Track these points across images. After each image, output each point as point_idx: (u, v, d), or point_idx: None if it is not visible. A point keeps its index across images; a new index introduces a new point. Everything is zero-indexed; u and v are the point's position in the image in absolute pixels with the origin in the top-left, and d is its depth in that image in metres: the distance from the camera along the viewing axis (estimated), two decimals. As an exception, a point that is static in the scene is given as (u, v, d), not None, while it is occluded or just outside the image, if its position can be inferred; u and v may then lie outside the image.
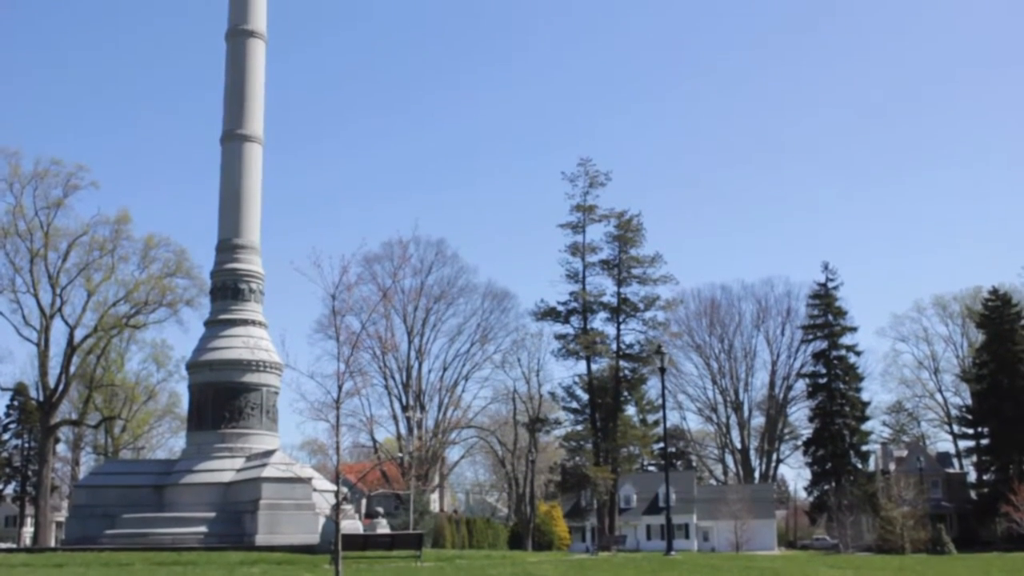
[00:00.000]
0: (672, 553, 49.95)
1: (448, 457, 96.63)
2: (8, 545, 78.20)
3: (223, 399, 44.55)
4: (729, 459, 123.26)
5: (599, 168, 77.85)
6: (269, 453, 42.26)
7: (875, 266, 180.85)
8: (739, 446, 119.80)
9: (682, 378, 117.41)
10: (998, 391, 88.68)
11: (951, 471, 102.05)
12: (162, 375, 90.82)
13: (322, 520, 38.05)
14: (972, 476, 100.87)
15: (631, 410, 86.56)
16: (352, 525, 38.40)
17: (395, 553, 35.03)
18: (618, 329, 77.26)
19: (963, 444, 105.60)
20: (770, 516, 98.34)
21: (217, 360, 44.90)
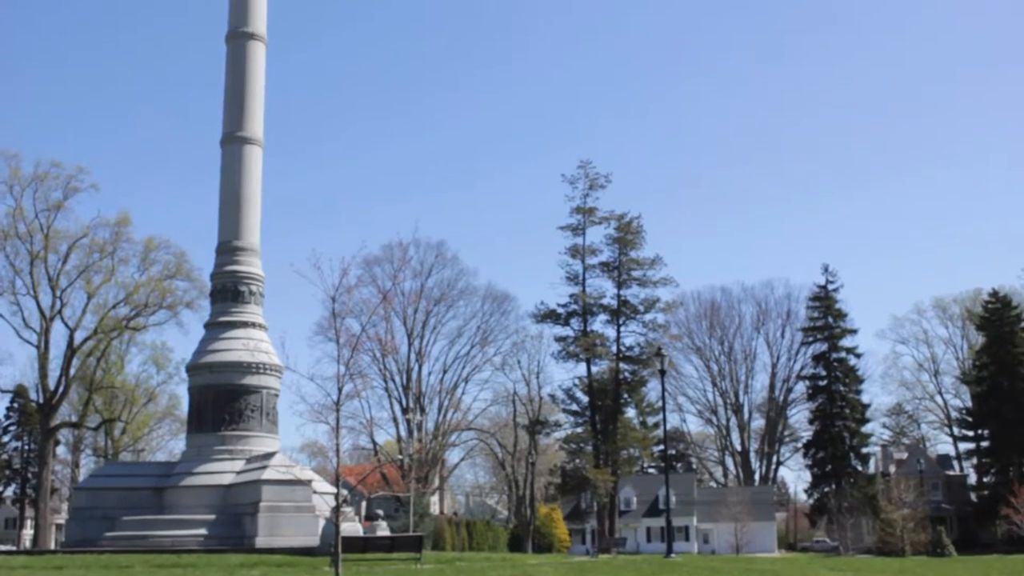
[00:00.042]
0: (672, 555, 49.95)
1: (448, 459, 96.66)
2: (8, 547, 78.31)
3: (223, 401, 44.52)
4: (729, 461, 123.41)
5: (599, 170, 78.05)
6: (269, 455, 42.24)
7: (875, 268, 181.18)
8: (739, 448, 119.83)
9: (682, 380, 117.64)
10: (998, 393, 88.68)
11: (951, 473, 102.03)
12: (162, 377, 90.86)
13: (322, 522, 38.05)
14: (972, 478, 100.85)
15: (631, 412, 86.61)
16: (352, 527, 38.40)
17: (395, 555, 35.03)
18: (618, 331, 77.32)
19: (963, 446, 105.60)
20: (770, 518, 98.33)
21: (217, 362, 44.89)
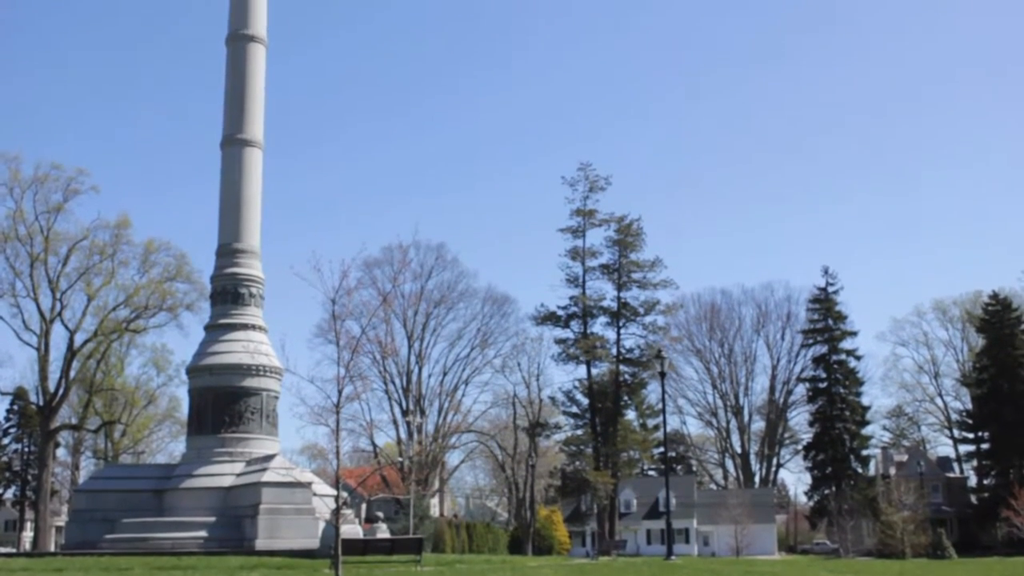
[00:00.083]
0: (672, 558, 49.99)
1: (448, 461, 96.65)
2: (8, 550, 78.21)
3: (223, 403, 44.49)
4: (729, 463, 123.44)
5: (599, 172, 78.23)
6: (269, 458, 42.22)
7: (875, 270, 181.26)
8: (739, 450, 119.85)
9: (682, 382, 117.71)
10: (998, 395, 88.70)
11: (951, 475, 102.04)
12: (162, 379, 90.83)
13: (322, 525, 38.03)
14: (972, 480, 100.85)
15: (631, 414, 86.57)
16: (352, 530, 38.40)
17: (395, 558, 35.02)
18: (618, 333, 77.39)
19: (963, 448, 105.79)
20: (770, 520, 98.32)
21: (217, 364, 44.88)
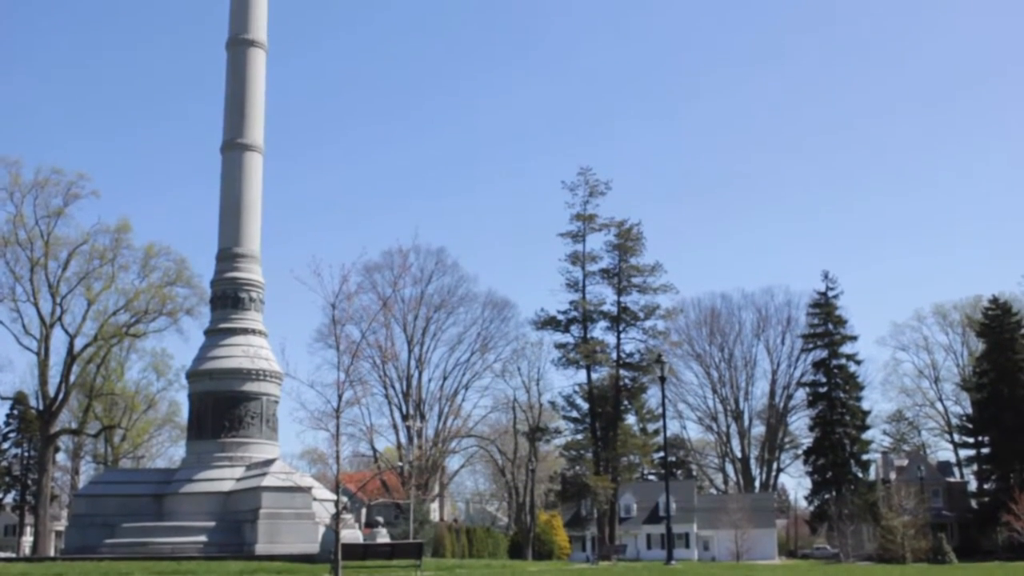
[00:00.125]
0: (672, 562, 49.98)
1: (448, 466, 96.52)
2: (7, 554, 78.20)
3: (223, 408, 44.50)
4: (729, 468, 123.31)
5: (599, 177, 78.35)
6: (269, 462, 42.21)
7: (875, 275, 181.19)
8: (739, 455, 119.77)
9: (682, 387, 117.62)
10: (998, 400, 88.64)
11: (952, 480, 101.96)
12: (162, 384, 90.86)
13: (322, 529, 38.00)
14: (973, 485, 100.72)
15: (631, 419, 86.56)
16: (352, 534, 38.38)
17: (395, 562, 34.99)
18: (618, 338, 77.41)
19: (964, 453, 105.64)
20: (770, 525, 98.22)
21: (217, 369, 44.88)
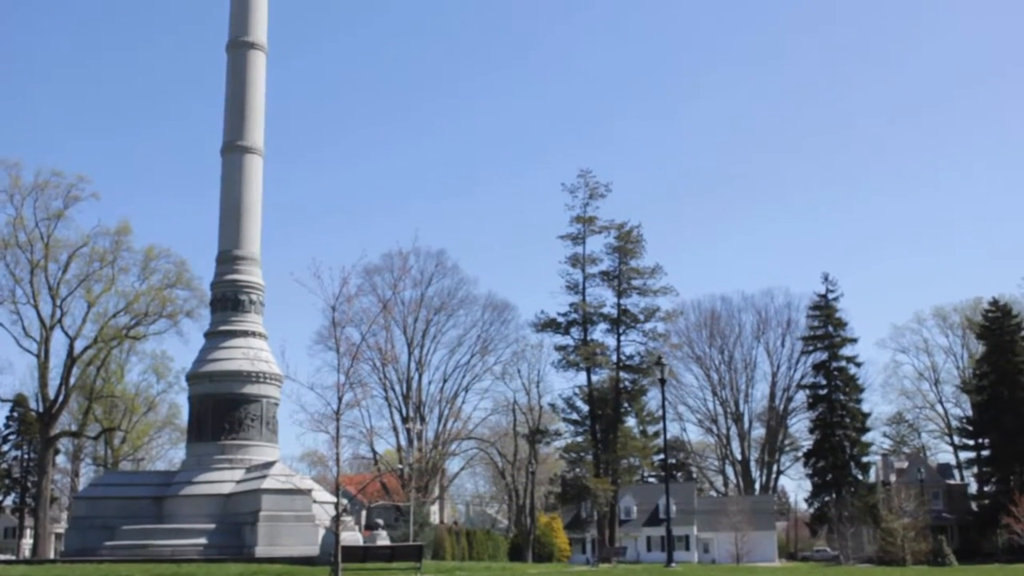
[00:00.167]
0: (672, 565, 49.94)
1: (448, 469, 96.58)
2: (7, 557, 78.11)
3: (223, 410, 44.49)
4: (729, 470, 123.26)
5: (599, 179, 78.18)
6: (269, 465, 42.19)
7: (875, 277, 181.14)
8: (739, 457, 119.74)
9: (682, 389, 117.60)
10: (998, 402, 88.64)
11: (952, 482, 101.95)
12: (162, 386, 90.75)
13: (322, 532, 37.99)
14: (973, 487, 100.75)
15: (631, 421, 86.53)
16: (352, 537, 38.35)
17: (395, 565, 34.98)
18: (618, 340, 77.35)
19: (964, 455, 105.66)
20: (770, 528, 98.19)
21: (217, 371, 44.88)
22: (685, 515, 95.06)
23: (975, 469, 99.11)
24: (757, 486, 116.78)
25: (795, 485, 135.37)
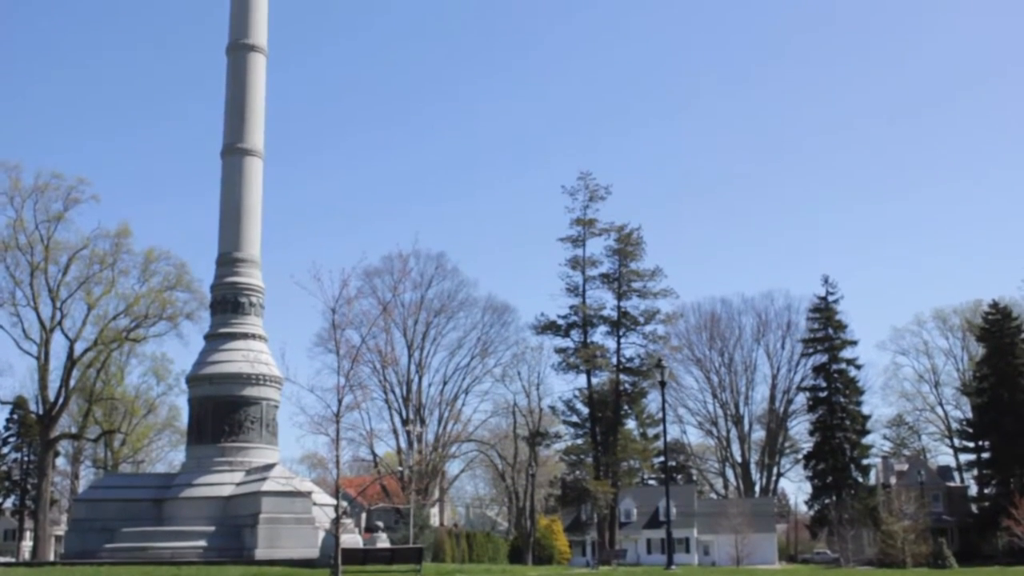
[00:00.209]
0: (672, 567, 49.90)
1: (448, 471, 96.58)
2: (7, 559, 78.16)
3: (223, 413, 44.52)
4: (730, 473, 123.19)
5: (599, 182, 78.17)
6: (269, 467, 42.22)
7: (875, 279, 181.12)
8: (739, 460, 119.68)
9: (682, 392, 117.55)
10: (999, 405, 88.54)
11: (952, 485, 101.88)
12: (162, 389, 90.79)
13: (322, 534, 38.00)
14: (973, 490, 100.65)
15: (631, 424, 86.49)
16: (352, 539, 38.36)
17: (395, 567, 35.02)
18: (618, 343, 77.31)
19: (964, 458, 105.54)
20: (771, 530, 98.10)
21: (217, 374, 44.90)
22: (685, 517, 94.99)
23: (975, 471, 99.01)
24: (757, 488, 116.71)
25: (795, 487, 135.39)
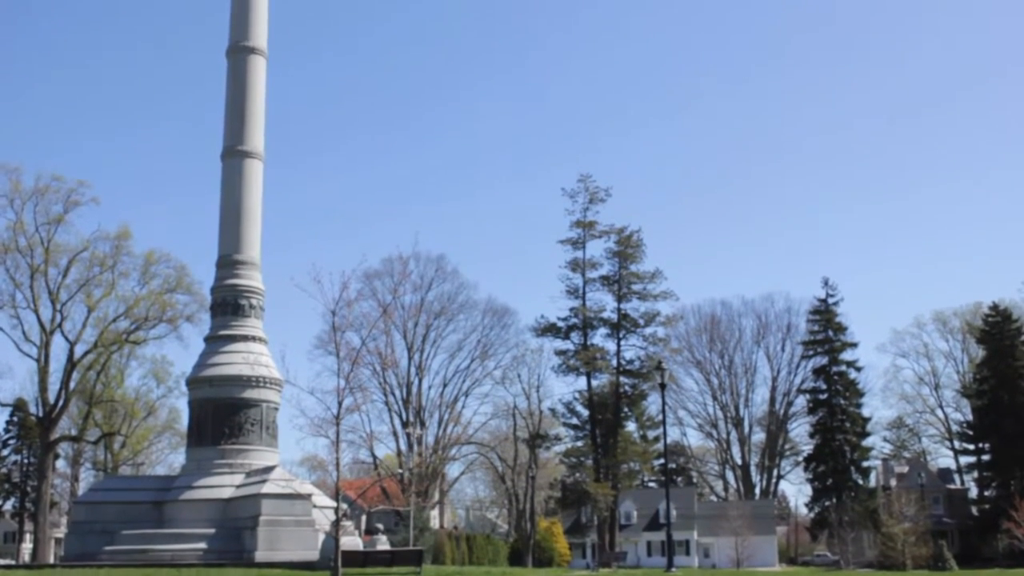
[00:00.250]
0: (673, 569, 49.90)
1: (448, 473, 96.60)
2: (7, 561, 78.24)
3: (223, 415, 44.49)
4: (730, 475, 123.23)
5: (599, 184, 78.24)
6: (269, 469, 42.21)
7: (875, 281, 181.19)
8: (740, 462, 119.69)
9: (682, 394, 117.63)
10: (999, 407, 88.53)
11: (952, 487, 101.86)
12: (162, 391, 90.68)
13: (322, 536, 38.00)
14: (973, 492, 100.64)
15: (631, 426, 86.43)
16: (352, 541, 38.39)
17: (395, 570, 35.02)
18: (618, 345, 77.33)
19: (964, 460, 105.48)
20: (771, 532, 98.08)
21: (217, 376, 44.89)
22: (685, 520, 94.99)
23: (975, 474, 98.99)
24: (757, 491, 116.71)
25: (795, 490, 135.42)
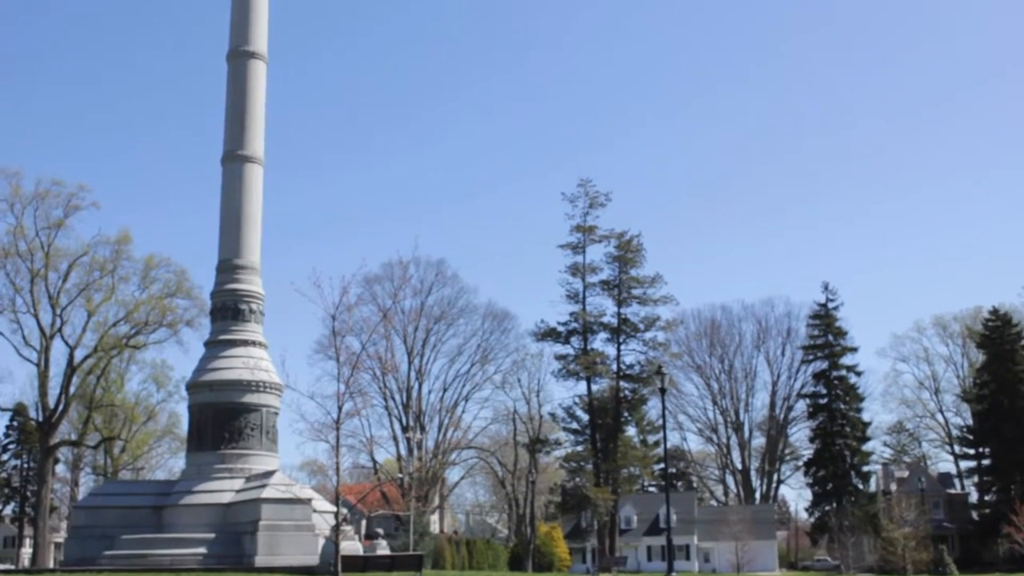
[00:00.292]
0: (673, 574, 49.81)
1: (448, 478, 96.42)
2: (7, 566, 78.12)
3: (223, 420, 44.47)
4: (730, 480, 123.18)
5: (599, 189, 78.50)
6: (269, 474, 42.18)
7: (875, 286, 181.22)
8: (740, 467, 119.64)
9: (682, 399, 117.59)
10: (999, 411, 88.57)
11: (952, 491, 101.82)
12: (162, 395, 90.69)
13: (322, 541, 37.96)
14: (974, 496, 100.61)
15: (631, 431, 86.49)
16: (352, 546, 38.35)
17: (395, 574, 35.00)
18: (618, 349, 77.41)
19: (964, 464, 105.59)
20: (771, 537, 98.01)
21: (217, 380, 44.87)
22: (685, 524, 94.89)
23: (976, 478, 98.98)
24: (757, 495, 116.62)
25: (795, 494, 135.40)
